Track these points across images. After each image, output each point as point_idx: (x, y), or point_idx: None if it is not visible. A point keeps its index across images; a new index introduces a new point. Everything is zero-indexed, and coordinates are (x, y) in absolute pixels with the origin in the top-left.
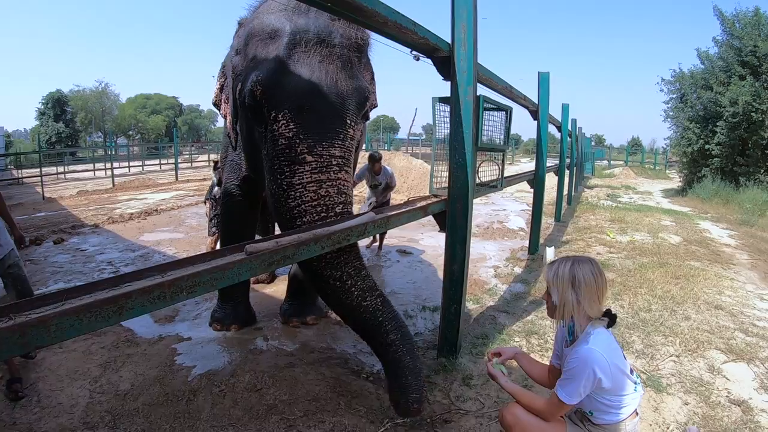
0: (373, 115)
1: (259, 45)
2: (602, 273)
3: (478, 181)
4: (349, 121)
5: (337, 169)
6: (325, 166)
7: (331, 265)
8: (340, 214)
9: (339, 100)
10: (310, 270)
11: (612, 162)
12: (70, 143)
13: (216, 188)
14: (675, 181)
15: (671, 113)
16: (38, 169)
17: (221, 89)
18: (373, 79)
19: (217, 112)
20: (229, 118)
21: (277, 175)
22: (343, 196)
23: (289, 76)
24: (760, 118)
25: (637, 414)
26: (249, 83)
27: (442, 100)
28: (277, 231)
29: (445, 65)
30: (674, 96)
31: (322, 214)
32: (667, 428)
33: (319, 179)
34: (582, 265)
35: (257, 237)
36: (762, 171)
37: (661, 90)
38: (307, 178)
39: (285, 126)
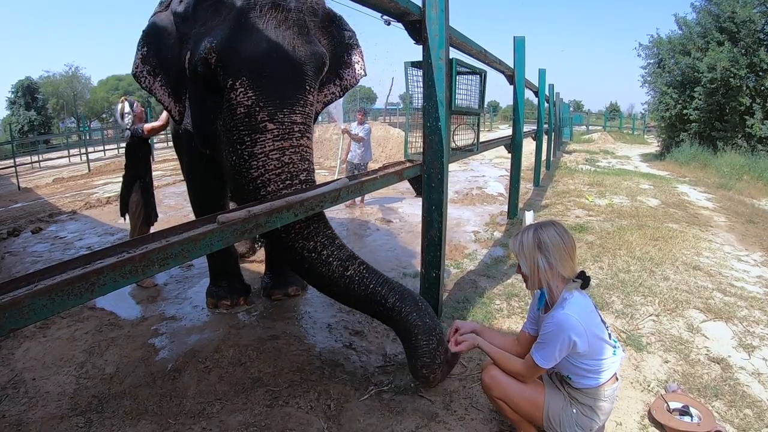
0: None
1: (210, 10)
2: (567, 232)
3: (453, 145)
4: (308, 87)
5: (299, 135)
6: (287, 132)
7: (303, 236)
8: (305, 181)
9: (297, 66)
10: (282, 245)
11: (590, 127)
12: (43, 131)
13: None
14: (653, 146)
15: (649, 78)
16: (12, 160)
17: (144, 60)
18: (352, 46)
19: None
20: (163, 90)
21: (237, 145)
22: (306, 163)
23: (245, 42)
24: (738, 84)
25: (617, 379)
26: (201, 50)
27: (415, 64)
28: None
29: (416, 29)
30: (652, 61)
31: (287, 182)
32: (648, 385)
33: (281, 146)
34: (545, 228)
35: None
36: (739, 136)
37: (639, 55)
38: (269, 146)
39: (243, 94)
